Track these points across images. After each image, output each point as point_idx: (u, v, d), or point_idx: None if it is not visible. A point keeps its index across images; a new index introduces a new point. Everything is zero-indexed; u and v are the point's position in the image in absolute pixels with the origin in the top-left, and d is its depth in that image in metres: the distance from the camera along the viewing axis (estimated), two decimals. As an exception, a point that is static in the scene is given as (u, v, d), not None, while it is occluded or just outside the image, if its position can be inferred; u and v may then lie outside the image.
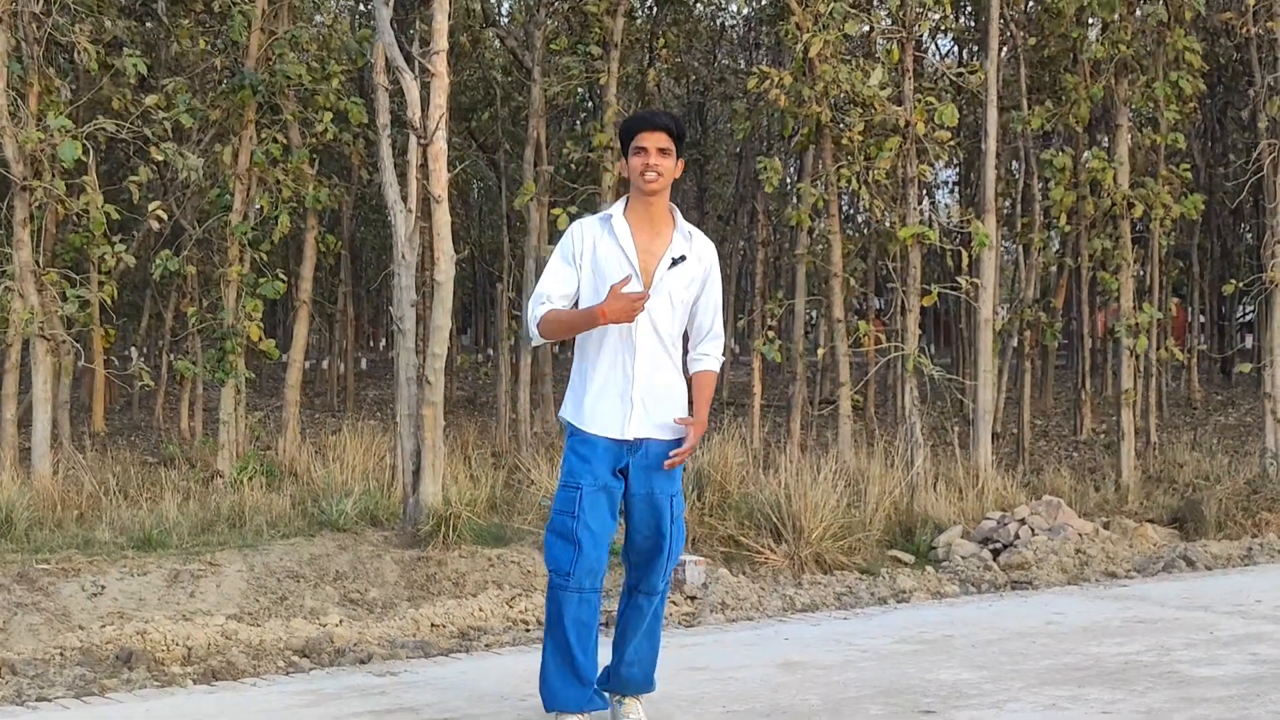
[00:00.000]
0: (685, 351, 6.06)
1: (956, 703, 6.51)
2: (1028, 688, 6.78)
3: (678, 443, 5.85)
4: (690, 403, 6.02)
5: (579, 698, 5.78)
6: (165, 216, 12.60)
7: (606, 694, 6.00)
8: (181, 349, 18.97)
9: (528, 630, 8.61)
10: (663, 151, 5.80)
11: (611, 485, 5.78)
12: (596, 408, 5.82)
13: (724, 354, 6.10)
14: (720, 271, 6.10)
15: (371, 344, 42.76)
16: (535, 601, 9.09)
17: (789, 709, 6.42)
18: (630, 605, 5.96)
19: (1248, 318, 34.21)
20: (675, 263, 5.83)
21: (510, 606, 8.97)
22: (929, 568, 10.72)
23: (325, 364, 28.46)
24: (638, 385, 5.79)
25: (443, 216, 10.40)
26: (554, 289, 5.88)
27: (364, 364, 33.83)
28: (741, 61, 26.39)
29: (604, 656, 6.04)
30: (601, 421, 5.81)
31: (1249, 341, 34.79)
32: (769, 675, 7.11)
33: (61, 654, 7.91)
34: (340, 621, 8.63)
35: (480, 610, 8.83)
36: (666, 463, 5.80)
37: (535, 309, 5.88)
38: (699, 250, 5.92)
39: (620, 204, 5.98)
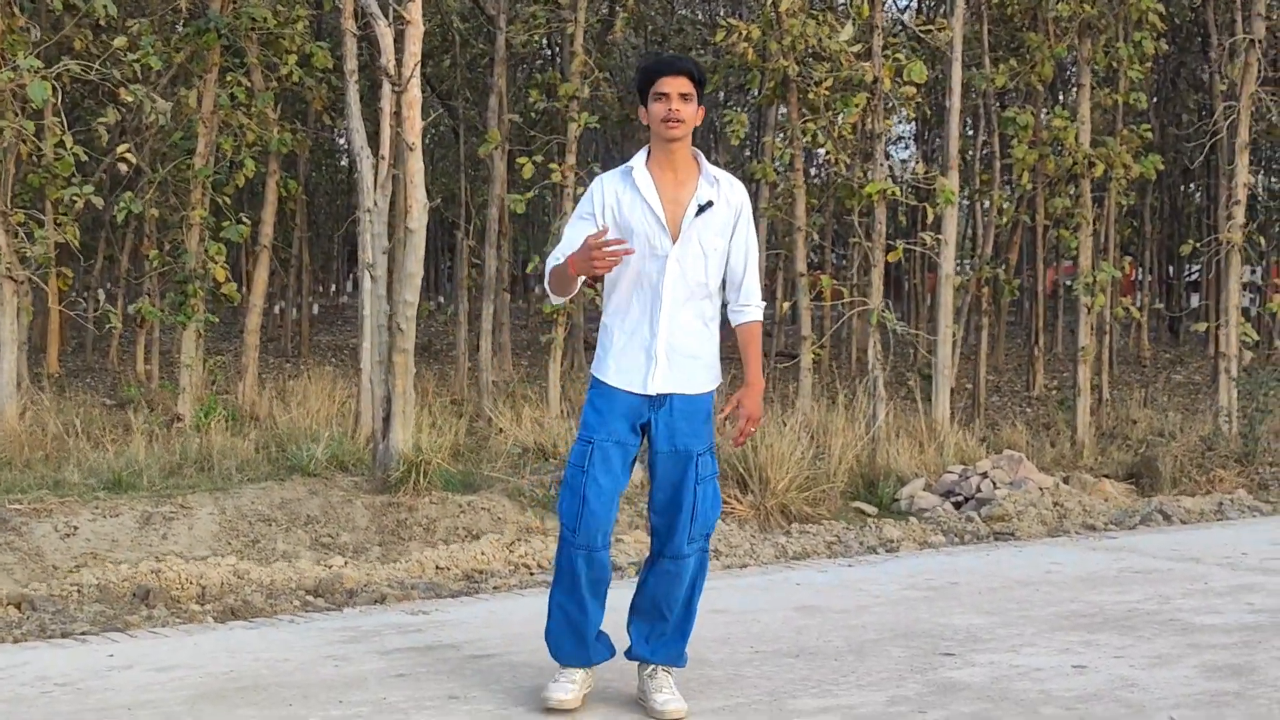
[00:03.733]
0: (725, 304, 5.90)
1: (974, 646, 6.74)
2: (1040, 633, 7.02)
3: (704, 397, 5.71)
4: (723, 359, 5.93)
5: (582, 653, 5.74)
6: (132, 159, 12.53)
7: (635, 660, 5.85)
8: (137, 291, 18.89)
9: (531, 574, 8.74)
10: (684, 97, 5.58)
11: (627, 441, 5.64)
12: (620, 361, 5.67)
13: (763, 303, 5.89)
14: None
15: (323, 289, 42.58)
16: (534, 546, 9.18)
17: (815, 650, 6.65)
18: (654, 571, 5.74)
19: (1193, 277, 34.57)
20: (701, 209, 5.63)
21: (510, 551, 9.06)
22: (913, 518, 10.89)
23: (278, 309, 28.35)
24: (662, 338, 5.62)
25: (416, 164, 10.40)
26: (567, 252, 5.65)
27: (316, 309, 33.73)
28: (699, 13, 26.38)
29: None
30: (625, 375, 5.65)
31: (1194, 300, 35.16)
32: (789, 618, 7.34)
33: (79, 591, 7.95)
34: (346, 563, 8.70)
35: (482, 554, 8.93)
36: (734, 441, 5.75)
37: (549, 261, 5.73)
38: (727, 194, 5.70)
39: (641, 155, 5.75)
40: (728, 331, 5.89)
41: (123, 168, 12.58)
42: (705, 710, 5.67)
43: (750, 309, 5.82)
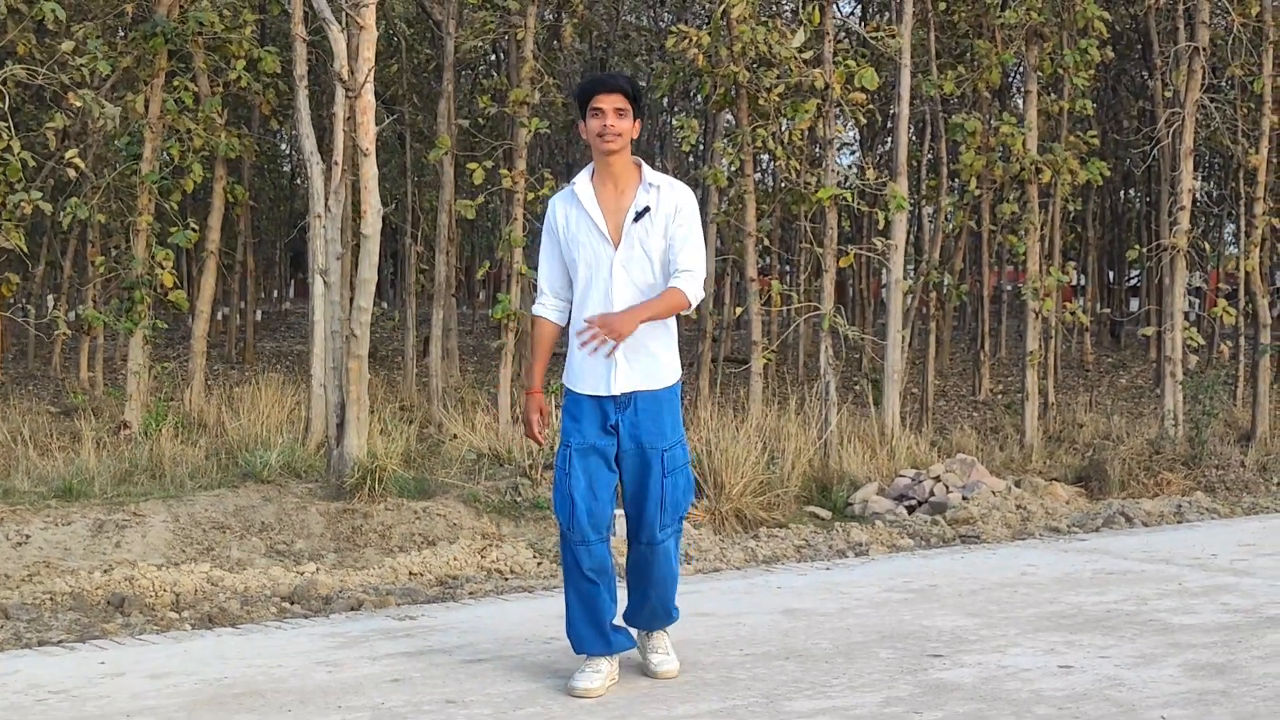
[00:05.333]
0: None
1: (961, 647, 6.81)
2: (1023, 634, 7.09)
3: (666, 391, 6.02)
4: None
5: (603, 641, 6.05)
6: (81, 164, 12.42)
7: (632, 631, 6.25)
8: (80, 298, 18.72)
9: (505, 580, 8.73)
10: (619, 112, 5.95)
11: (601, 443, 5.96)
12: (585, 367, 6.00)
13: (700, 292, 6.11)
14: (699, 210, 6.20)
15: (265, 295, 42.33)
16: (506, 552, 9.17)
17: (804, 652, 6.70)
18: (634, 554, 6.14)
19: (1134, 282, 34.86)
20: (639, 216, 5.97)
21: (483, 556, 9.04)
22: (879, 522, 10.92)
23: (221, 315, 28.16)
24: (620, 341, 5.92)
25: (370, 169, 10.37)
26: (550, 282, 6.14)
27: (259, 315, 33.52)
28: (644, 19, 26.38)
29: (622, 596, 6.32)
30: (589, 381, 5.99)
31: (1134, 305, 35.46)
32: (775, 621, 7.40)
33: (52, 599, 7.88)
34: (318, 569, 8.66)
35: (455, 559, 8.91)
36: (577, 333, 5.94)
37: (537, 304, 6.18)
38: (665, 197, 6.02)
39: (586, 171, 6.14)
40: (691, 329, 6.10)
41: (71, 173, 12.47)
42: (703, 712, 5.73)
43: (678, 279, 5.96)
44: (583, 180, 6.09)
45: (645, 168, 6.10)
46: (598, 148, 5.99)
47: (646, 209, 5.98)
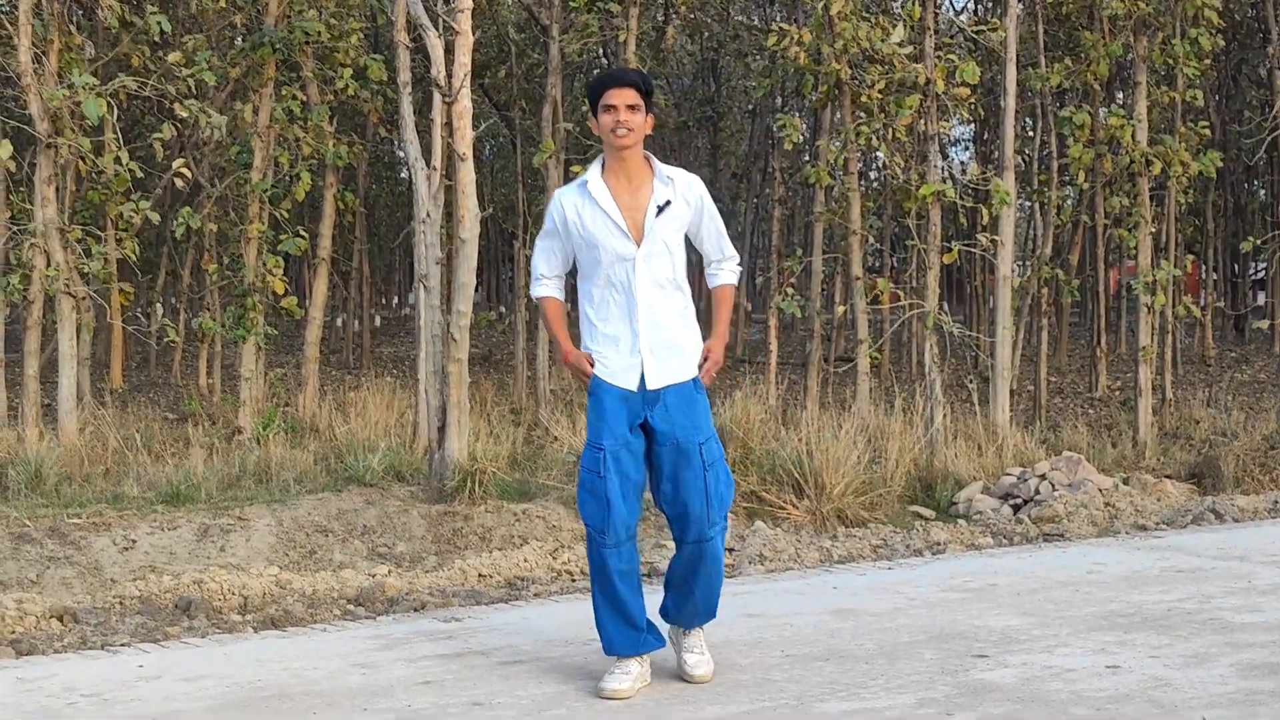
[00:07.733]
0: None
1: (1008, 648, 6.65)
2: (1075, 634, 6.91)
3: (695, 383, 5.99)
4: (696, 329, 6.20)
5: (633, 641, 5.97)
6: (189, 174, 12.63)
7: (663, 628, 6.16)
8: (200, 306, 19.05)
9: (573, 580, 8.74)
10: (631, 108, 5.88)
11: (632, 442, 5.90)
12: (610, 363, 5.95)
13: (739, 269, 6.31)
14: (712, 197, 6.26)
15: (384, 301, 42.75)
16: (578, 553, 9.18)
17: (846, 653, 6.58)
18: (683, 557, 6.03)
19: (1260, 274, 34.21)
20: (661, 210, 5.94)
21: (554, 558, 9.06)
22: (961, 520, 10.80)
23: (340, 321, 28.52)
24: (644, 337, 5.91)
25: (468, 174, 10.45)
26: (544, 268, 6.19)
27: (378, 321, 33.87)
28: (755, 18, 26.35)
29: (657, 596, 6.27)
30: (616, 375, 5.93)
31: (1260, 298, 34.79)
32: (823, 622, 7.27)
33: (121, 603, 8.02)
34: (389, 571, 8.74)
35: (525, 561, 8.94)
36: (703, 374, 6.02)
37: (533, 285, 6.25)
38: (684, 192, 6.02)
39: (596, 166, 6.05)
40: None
41: (179, 182, 12.68)
42: (732, 714, 5.65)
43: (722, 273, 6.23)
44: (594, 176, 5.99)
45: (655, 161, 6.06)
46: (610, 143, 5.91)
47: (669, 202, 5.95)
